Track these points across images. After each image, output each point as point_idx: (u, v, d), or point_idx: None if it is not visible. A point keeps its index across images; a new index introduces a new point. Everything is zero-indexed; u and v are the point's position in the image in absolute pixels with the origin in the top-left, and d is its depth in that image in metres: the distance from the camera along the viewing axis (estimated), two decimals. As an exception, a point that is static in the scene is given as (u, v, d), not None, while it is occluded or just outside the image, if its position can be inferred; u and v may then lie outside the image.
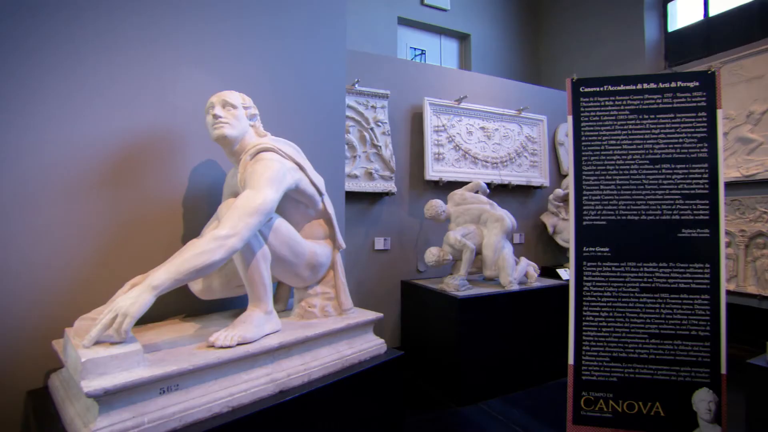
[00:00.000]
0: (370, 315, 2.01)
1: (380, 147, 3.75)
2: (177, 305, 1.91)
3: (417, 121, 4.05)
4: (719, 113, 2.28)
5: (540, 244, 4.70)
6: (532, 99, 4.65)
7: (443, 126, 4.05)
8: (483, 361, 3.12)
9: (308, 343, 1.72)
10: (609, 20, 5.61)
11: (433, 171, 3.93)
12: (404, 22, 5.90)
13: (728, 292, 3.86)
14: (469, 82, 4.41)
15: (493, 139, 4.29)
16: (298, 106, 2.50)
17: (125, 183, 1.88)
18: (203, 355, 1.40)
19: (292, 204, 1.87)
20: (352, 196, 3.68)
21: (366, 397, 1.87)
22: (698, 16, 5.06)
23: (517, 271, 3.29)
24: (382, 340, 2.03)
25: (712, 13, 4.94)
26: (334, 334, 1.82)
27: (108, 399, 1.15)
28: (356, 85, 3.67)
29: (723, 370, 2.23)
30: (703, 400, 2.24)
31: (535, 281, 3.48)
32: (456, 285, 3.17)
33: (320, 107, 2.61)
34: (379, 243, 3.83)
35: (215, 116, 1.74)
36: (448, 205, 3.53)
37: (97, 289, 1.75)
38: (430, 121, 3.98)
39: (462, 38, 6.33)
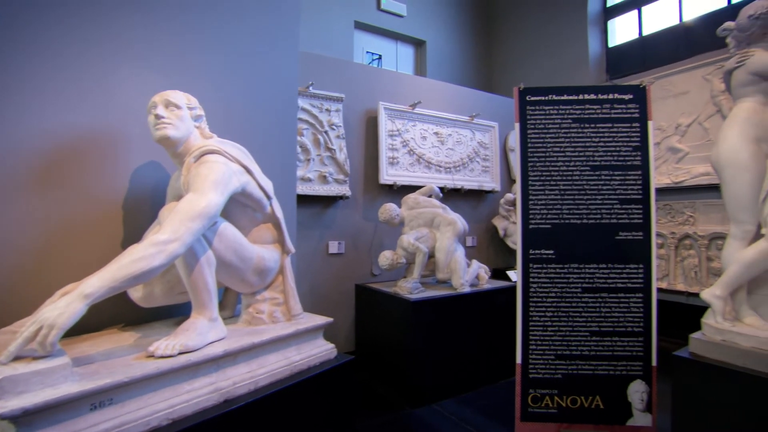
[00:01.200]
0: (320, 320, 1.99)
1: (334, 150, 3.74)
2: (115, 314, 1.81)
3: (372, 125, 4.07)
4: (650, 124, 2.44)
5: (492, 247, 4.85)
6: (485, 106, 4.80)
7: (398, 130, 4.09)
8: (436, 362, 3.17)
9: (255, 350, 1.68)
10: (556, 33, 5.89)
11: (388, 175, 3.97)
12: (361, 26, 5.92)
13: (660, 290, 4.17)
14: (424, 87, 4.49)
15: (447, 144, 4.39)
16: (248, 107, 2.45)
17: (59, 183, 1.76)
18: (141, 365, 1.33)
19: (239, 208, 1.83)
20: (305, 200, 3.63)
21: (316, 402, 1.84)
22: (634, 35, 5.42)
23: (468, 274, 3.37)
24: (331, 345, 2.01)
25: (645, 32, 5.30)
26: (282, 340, 1.78)
27: (28, 420, 1.06)
28: (310, 88, 3.64)
29: (654, 363, 2.38)
30: (636, 391, 2.38)
31: (486, 283, 3.58)
32: (409, 288, 3.21)
33: (271, 109, 2.56)
34: (334, 247, 3.81)
35: (157, 116, 1.67)
36: (402, 209, 3.57)
37: (25, 298, 1.62)
38: (384, 125, 4.01)
39: (418, 44, 6.43)
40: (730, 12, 2.10)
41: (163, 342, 1.45)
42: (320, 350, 1.93)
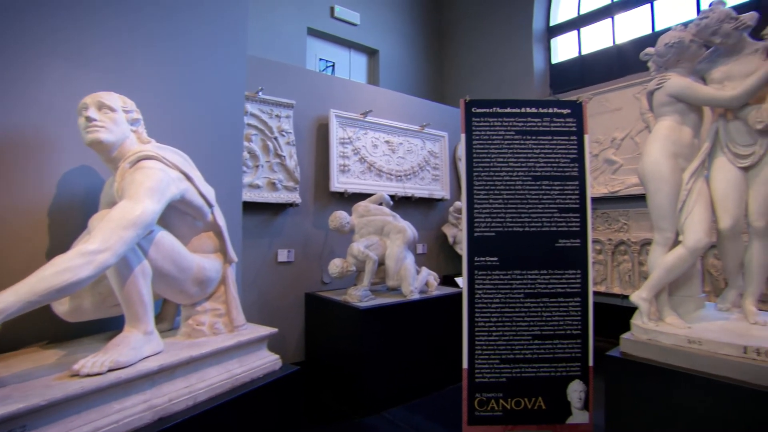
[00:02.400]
0: (264, 331, 1.95)
1: (284, 157, 3.68)
2: (37, 330, 1.68)
3: (323, 132, 4.06)
4: (586, 138, 2.59)
5: (442, 254, 4.94)
6: (435, 116, 4.92)
7: (349, 138, 4.10)
8: (385, 370, 3.17)
9: (194, 364, 1.61)
10: (504, 49, 6.15)
11: (339, 182, 3.96)
12: (314, 33, 5.90)
13: (599, 293, 4.42)
14: (376, 96, 4.53)
15: (398, 153, 4.45)
16: (192, 111, 2.37)
17: (-27, 189, 1.62)
18: (62, 386, 1.24)
19: (178, 216, 1.76)
20: (254, 207, 3.55)
21: (260, 416, 1.79)
22: (575, 53, 5.77)
23: (418, 281, 3.42)
24: (276, 356, 1.97)
25: (584, 51, 5.66)
26: (223, 353, 1.72)
27: None
28: (260, 93, 3.58)
29: (590, 363, 2.52)
30: (575, 391, 2.50)
31: (435, 290, 3.64)
32: (359, 296, 3.20)
33: (217, 114, 2.49)
34: (283, 255, 3.74)
35: (88, 119, 1.58)
36: (352, 217, 3.57)
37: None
38: (335, 132, 4.01)
39: (371, 53, 6.49)
40: (655, 38, 2.30)
41: (90, 359, 1.36)
42: (264, 362, 1.89)
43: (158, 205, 1.52)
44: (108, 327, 1.89)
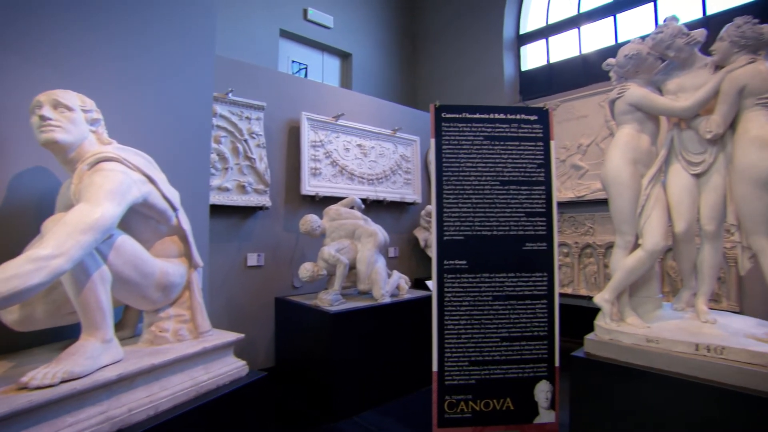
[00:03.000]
0: (230, 336, 1.91)
1: (254, 159, 3.63)
2: (-16, 340, 1.59)
3: (294, 135, 4.02)
4: (552, 144, 2.67)
5: (413, 258, 4.97)
6: (407, 120, 4.95)
7: (321, 141, 4.08)
8: (356, 374, 3.16)
9: (156, 372, 1.56)
10: (476, 55, 6.26)
11: (310, 186, 3.93)
12: (287, 35, 5.85)
13: (566, 295, 4.53)
14: (348, 100, 4.53)
15: (370, 157, 4.46)
16: (157, 112, 2.30)
17: None
18: (8, 400, 1.17)
19: (141, 219, 1.71)
20: (222, 210, 3.48)
21: (226, 423, 1.75)
22: (543, 61, 5.94)
23: (389, 284, 3.43)
24: (243, 363, 1.93)
25: (552, 60, 5.84)
26: (187, 360, 1.68)
27: None
28: (230, 95, 3.52)
29: (557, 364, 2.58)
30: (542, 391, 2.57)
31: (406, 293, 3.66)
32: (329, 300, 3.18)
33: (184, 115, 2.44)
34: (252, 259, 3.68)
35: (42, 118, 1.51)
36: (323, 220, 3.55)
37: None
38: (307, 135, 3.98)
39: (344, 57, 6.49)
40: (618, 49, 2.40)
41: (41, 370, 1.30)
42: (230, 368, 1.85)
43: (119, 208, 1.47)
44: (63, 336, 1.81)
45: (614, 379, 2.20)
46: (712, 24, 2.61)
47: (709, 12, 4.50)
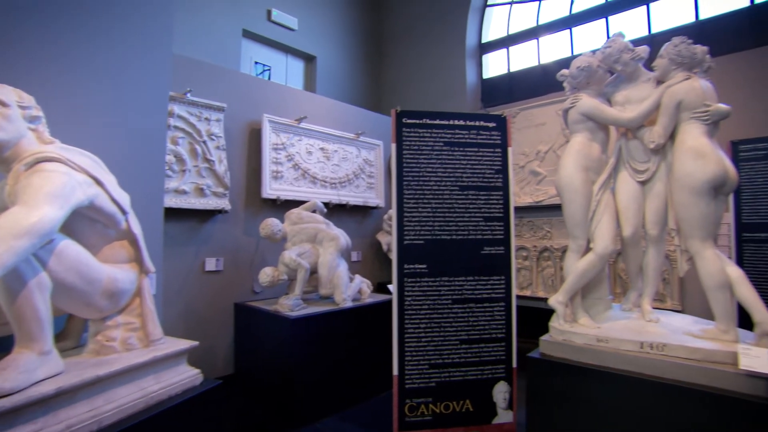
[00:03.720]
0: (183, 344, 1.84)
1: (214, 162, 3.54)
2: None
3: (255, 137, 3.95)
4: (509, 150, 2.75)
5: (376, 262, 4.98)
6: (371, 125, 4.97)
7: (283, 144, 4.03)
8: (318, 380, 3.12)
9: (101, 384, 1.48)
10: (439, 62, 6.37)
11: (271, 189, 3.87)
12: (250, 36, 5.74)
13: (525, 297, 4.66)
14: (311, 103, 4.50)
15: (333, 160, 4.44)
16: (108, 111, 2.21)
17: None
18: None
19: (87, 223, 1.62)
20: (179, 213, 3.37)
21: (177, 436, 1.69)
22: (504, 70, 6.11)
23: (350, 289, 3.42)
24: (196, 371, 1.87)
25: (513, 69, 6.02)
26: (136, 370, 1.61)
27: None
28: (188, 95, 3.42)
29: (514, 365, 2.65)
30: (500, 392, 2.61)
31: (368, 297, 3.65)
32: (290, 305, 3.14)
33: (137, 114, 2.34)
34: (211, 264, 3.57)
35: (-26, 114, 1.41)
36: (284, 224, 3.49)
37: None
38: (269, 138, 3.92)
39: (308, 59, 6.44)
40: (573, 60, 2.53)
41: (-33, 387, 1.21)
42: (183, 377, 1.78)
43: (60, 211, 1.39)
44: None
45: (568, 378, 2.28)
46: (657, 42, 2.78)
47: (653, 30, 4.78)
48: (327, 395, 3.18)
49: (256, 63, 5.99)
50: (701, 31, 4.40)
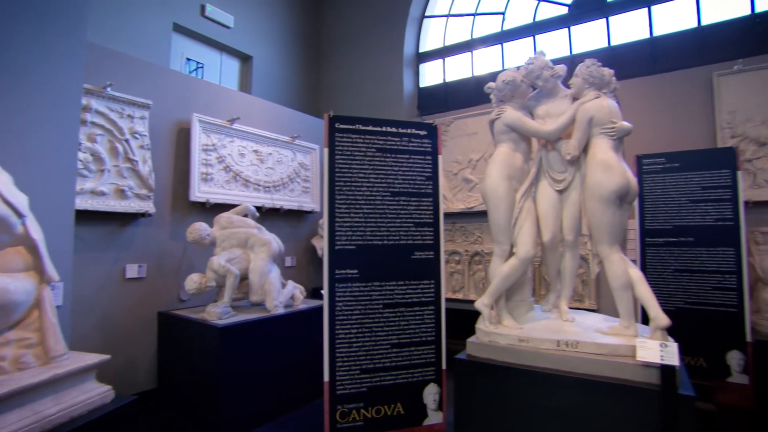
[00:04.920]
0: (91, 359, 1.70)
1: (137, 162, 3.32)
2: None
3: (184, 137, 3.76)
4: (440, 158, 2.83)
5: (311, 267, 4.91)
6: (307, 128, 4.91)
7: (213, 145, 3.87)
8: (247, 390, 3.02)
9: (-16, 410, 1.33)
10: (378, 68, 6.43)
11: (200, 192, 3.69)
12: (181, 30, 5.45)
13: (458, 300, 4.81)
14: (246, 103, 4.37)
15: (266, 163, 4.33)
16: (7, 103, 1.99)
17: None
18: None
19: (-27, 227, 1.46)
20: (96, 217, 3.13)
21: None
22: (440, 80, 6.30)
23: (283, 295, 3.34)
24: (107, 388, 1.73)
25: (448, 79, 6.22)
26: (30, 391, 1.45)
27: None
28: (108, 89, 3.18)
29: (443, 366, 2.72)
30: (430, 394, 2.67)
31: (302, 303, 3.59)
32: (218, 313, 3.01)
33: (43, 108, 2.14)
34: (132, 270, 3.34)
35: None
36: (213, 229, 3.35)
37: None
38: (198, 138, 3.75)
39: (244, 59, 6.24)
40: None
41: None
42: (90, 396, 1.64)
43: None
44: None
45: (493, 378, 2.38)
46: (577, 61, 3.03)
47: (574, 51, 5.17)
48: (257, 406, 3.08)
49: (189, 60, 5.71)
50: (612, 55, 4.83)
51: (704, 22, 4.40)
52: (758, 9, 4.17)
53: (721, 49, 4.21)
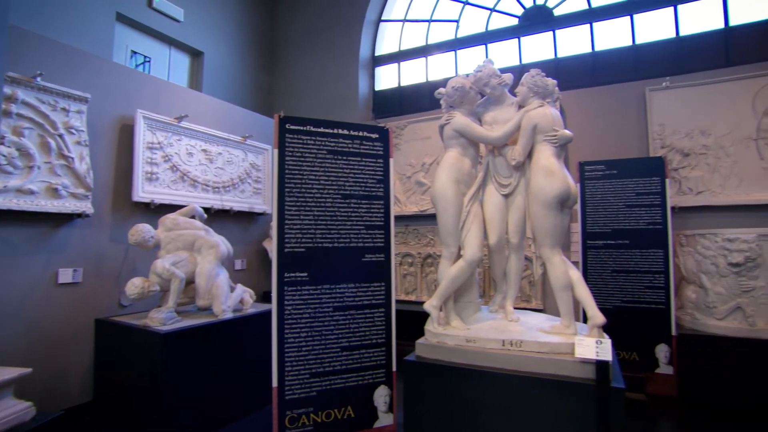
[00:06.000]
0: (8, 373, 1.58)
1: (73, 159, 3.12)
2: None
3: (127, 134, 3.57)
4: (391, 161, 2.86)
5: (262, 270, 4.81)
6: (260, 128, 4.80)
7: (159, 143, 3.70)
8: (194, 399, 2.90)
9: None
10: (333, 70, 6.40)
11: (144, 192, 3.52)
12: (126, 21, 5.18)
13: (410, 302, 4.86)
14: (195, 101, 4.21)
15: (216, 163, 4.19)
16: None
17: None
18: None
19: None
20: (23, 217, 2.91)
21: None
22: (395, 83, 6.37)
23: (231, 299, 3.24)
24: (26, 404, 1.61)
25: (403, 83, 6.30)
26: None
27: None
28: (38, 79, 2.97)
29: (394, 368, 2.73)
30: (381, 396, 2.68)
31: (251, 307, 3.50)
32: (161, 319, 2.87)
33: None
34: (66, 275, 3.12)
35: None
36: (158, 230, 3.20)
37: None
38: (142, 136, 3.57)
39: (195, 55, 6.02)
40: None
41: None
42: (5, 414, 1.52)
43: None
44: None
45: (441, 378, 2.43)
46: (527, 70, 3.16)
47: (524, 61, 5.39)
48: (203, 415, 2.97)
49: (135, 53, 5.43)
50: (558, 67, 5.08)
51: (638, 41, 4.73)
52: (682, 33, 4.54)
53: (653, 67, 4.54)
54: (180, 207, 3.56)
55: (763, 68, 3.83)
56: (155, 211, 3.61)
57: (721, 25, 4.38)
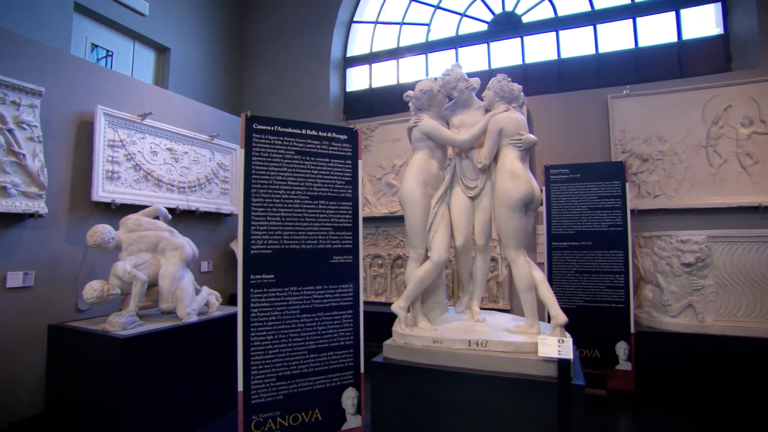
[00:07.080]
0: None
1: (24, 156, 2.97)
2: None
3: (86, 131, 3.43)
4: (359, 163, 2.85)
5: (229, 272, 4.71)
6: (228, 128, 4.70)
7: (121, 141, 3.57)
8: (156, 406, 2.80)
9: None
10: (304, 70, 6.34)
11: (104, 191, 3.39)
12: (86, 12, 4.96)
13: (380, 303, 4.87)
14: (160, 98, 4.09)
15: (182, 163, 4.08)
16: None
17: None
18: None
19: None
20: (-31, 217, 2.74)
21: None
22: (366, 85, 6.37)
23: (196, 302, 3.16)
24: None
25: (374, 85, 6.31)
26: None
27: None
28: (-15, 70, 2.82)
29: (362, 370, 2.73)
30: (349, 398, 2.67)
31: (217, 310, 3.42)
32: (122, 323, 2.77)
33: None
34: (16, 279, 2.97)
35: None
36: (119, 231, 3.08)
37: None
38: (103, 133, 3.43)
39: (161, 50, 5.84)
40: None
41: None
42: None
43: None
44: None
45: (409, 379, 2.45)
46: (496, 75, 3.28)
47: (493, 66, 5.50)
48: (166, 423, 2.88)
49: (96, 46, 5.21)
50: (526, 72, 5.21)
51: (601, 50, 4.91)
52: (641, 44, 4.76)
53: (615, 75, 4.73)
54: (143, 207, 3.44)
55: (711, 80, 4.06)
56: (116, 211, 3.48)
57: (675, 38, 4.61)
